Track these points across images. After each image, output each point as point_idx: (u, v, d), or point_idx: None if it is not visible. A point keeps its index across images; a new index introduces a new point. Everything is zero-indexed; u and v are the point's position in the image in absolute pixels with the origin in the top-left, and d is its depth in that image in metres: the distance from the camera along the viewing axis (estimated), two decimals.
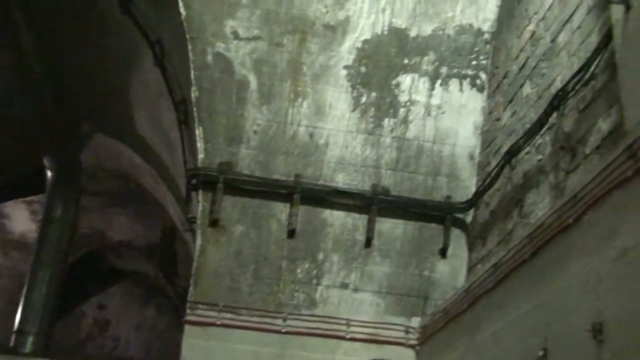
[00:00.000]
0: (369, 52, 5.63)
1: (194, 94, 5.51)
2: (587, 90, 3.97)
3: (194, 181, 5.63)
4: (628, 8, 3.01)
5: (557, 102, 4.23)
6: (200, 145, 5.51)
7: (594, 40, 3.94)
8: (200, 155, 5.53)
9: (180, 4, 5.40)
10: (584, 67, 3.94)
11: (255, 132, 5.58)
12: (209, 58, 5.52)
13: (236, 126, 5.57)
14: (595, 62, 3.85)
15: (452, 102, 5.68)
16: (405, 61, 5.65)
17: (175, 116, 6.47)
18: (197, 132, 5.54)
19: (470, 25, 5.62)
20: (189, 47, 5.47)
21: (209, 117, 5.55)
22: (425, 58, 5.65)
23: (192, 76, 5.49)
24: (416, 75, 5.66)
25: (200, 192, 5.56)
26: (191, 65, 5.49)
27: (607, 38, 3.65)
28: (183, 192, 6.68)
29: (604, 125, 3.76)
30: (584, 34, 4.10)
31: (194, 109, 5.52)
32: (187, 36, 5.47)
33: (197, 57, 5.50)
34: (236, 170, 5.55)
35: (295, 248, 5.55)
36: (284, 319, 5.40)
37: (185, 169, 6.21)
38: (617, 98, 3.44)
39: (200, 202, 5.53)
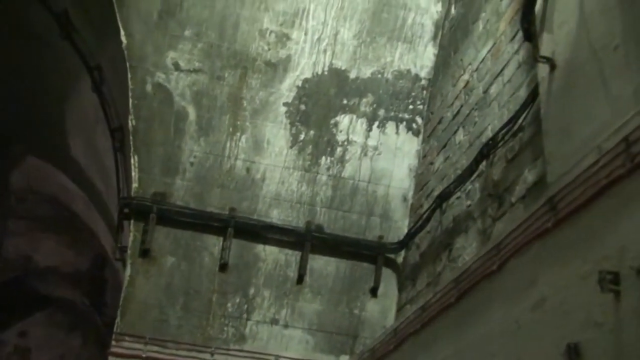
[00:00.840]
0: (309, 91, 5.71)
1: (131, 122, 5.46)
2: (515, 141, 4.13)
3: (126, 210, 5.54)
4: (553, 68, 3.17)
5: (487, 150, 4.38)
6: (135, 174, 5.45)
7: (522, 94, 4.11)
8: (135, 185, 5.46)
9: (122, 33, 5.38)
10: (513, 119, 4.11)
11: (191, 163, 5.56)
12: (149, 88, 5.50)
13: (173, 157, 5.54)
14: (523, 115, 4.02)
15: (388, 143, 5.80)
16: (344, 101, 5.76)
17: (111, 143, 6.38)
18: (132, 160, 5.48)
19: (408, 71, 5.77)
20: (129, 75, 5.44)
21: (146, 146, 5.50)
22: (364, 100, 5.77)
23: (131, 105, 5.45)
24: (354, 116, 5.76)
25: (132, 221, 5.48)
26: (130, 94, 5.45)
27: (534, 93, 3.82)
28: (115, 220, 6.56)
29: (529, 176, 3.91)
30: (513, 88, 4.28)
31: (131, 137, 5.46)
32: (128, 64, 5.44)
33: (137, 86, 5.46)
34: (170, 201, 5.50)
35: (227, 282, 5.52)
36: (212, 354, 5.33)
37: (118, 197, 6.11)
38: (542, 151, 3.60)
39: (132, 232, 5.45)
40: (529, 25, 3.44)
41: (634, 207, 2.50)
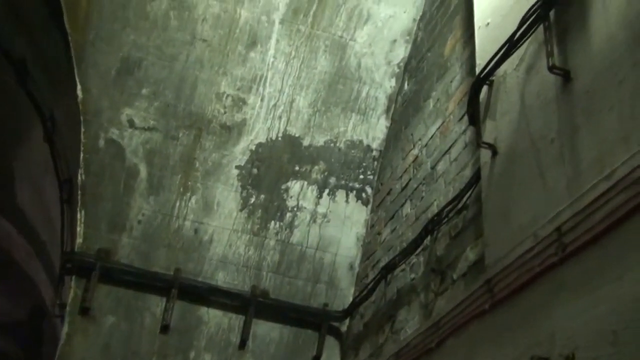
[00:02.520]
0: (262, 155, 5.78)
1: (80, 176, 5.42)
2: (459, 219, 4.23)
3: (68, 265, 5.43)
4: (495, 153, 3.29)
5: (432, 226, 4.47)
6: (80, 229, 5.37)
7: (468, 173, 4.24)
8: (79, 240, 5.37)
9: (79, 87, 5.38)
10: (458, 197, 4.21)
11: (139, 221, 5.52)
12: (101, 143, 5.48)
13: (120, 213, 5.49)
14: (468, 194, 4.13)
15: (337, 211, 5.86)
16: (297, 168, 5.83)
17: (58, 195, 6.28)
18: (78, 215, 5.41)
19: (361, 142, 5.90)
20: (82, 129, 5.42)
21: (94, 201, 5.45)
22: (316, 167, 5.85)
23: (81, 158, 5.41)
24: (305, 183, 5.83)
25: (73, 277, 5.37)
26: (81, 148, 5.42)
27: (478, 174, 3.94)
28: (57, 273, 6.41)
29: (471, 254, 4.00)
30: (459, 166, 4.41)
31: (79, 192, 5.41)
32: (82, 118, 5.42)
33: (89, 140, 5.44)
34: (115, 258, 5.42)
35: (167, 344, 5.41)
36: None
37: (62, 251, 5.99)
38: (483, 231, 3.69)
39: (73, 288, 5.33)
40: (474, 111, 3.58)
41: (564, 295, 2.59)
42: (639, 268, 2.20)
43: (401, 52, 5.82)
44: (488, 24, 3.73)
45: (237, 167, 5.73)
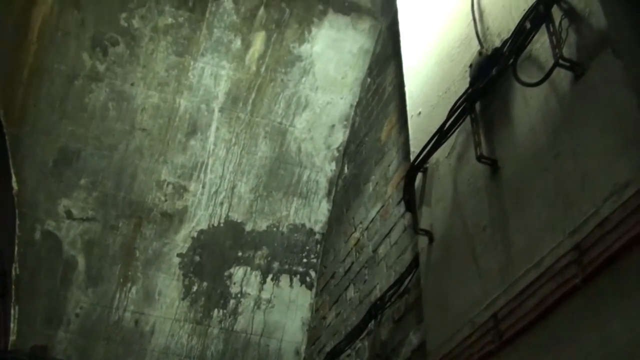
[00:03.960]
0: (204, 242, 5.73)
1: (15, 271, 5.25)
2: (401, 303, 4.26)
3: None
4: (431, 240, 3.36)
5: (375, 310, 4.48)
6: (13, 326, 5.16)
7: (408, 257, 4.29)
8: (12, 337, 5.16)
9: (14, 179, 5.29)
10: (399, 281, 4.25)
11: (77, 315, 5.35)
12: (37, 235, 5.36)
13: (57, 308, 5.32)
14: (409, 278, 4.17)
15: (282, 296, 5.82)
16: (239, 254, 5.80)
17: None
18: (12, 311, 5.21)
19: (303, 225, 5.93)
20: (17, 222, 5.29)
21: (29, 296, 5.27)
22: (259, 252, 5.83)
23: (16, 252, 5.26)
24: (249, 268, 5.79)
25: None
26: (16, 241, 5.28)
27: (418, 258, 3.99)
28: None
29: (414, 339, 4.01)
30: (400, 250, 4.47)
31: (13, 287, 5.23)
32: (17, 211, 5.31)
33: (25, 233, 5.31)
34: (51, 355, 5.21)
35: None
36: None
37: None
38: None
39: None
40: (410, 198, 3.66)
41: None
42: (571, 356, 2.24)
43: (340, 136, 5.96)
44: (420, 113, 3.87)
45: (178, 255, 5.66)
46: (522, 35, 2.89)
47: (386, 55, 5.59)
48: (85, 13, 5.35)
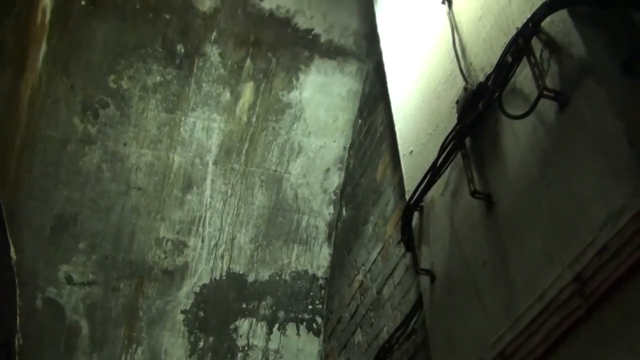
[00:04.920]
0: (207, 297, 5.67)
1: (18, 342, 5.18)
2: (409, 344, 4.19)
3: None
4: (433, 279, 3.32)
5: (384, 354, 4.40)
6: None
7: (412, 297, 4.24)
8: None
9: (12, 249, 5.26)
10: (405, 321, 4.19)
11: None
12: (39, 303, 5.30)
13: None
14: (415, 318, 4.11)
15: (289, 346, 5.73)
16: (244, 305, 5.73)
17: None
18: None
19: (306, 271, 5.88)
20: (17, 292, 5.24)
21: None
22: (263, 302, 5.77)
23: (18, 323, 5.20)
24: (254, 320, 5.72)
25: None
26: (18, 312, 5.22)
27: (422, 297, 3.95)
28: None
29: None
30: (404, 290, 4.42)
31: (17, 358, 5.15)
32: (17, 281, 5.26)
33: (26, 302, 5.26)
34: None
35: None
36: None
37: None
38: None
39: None
40: (408, 238, 3.64)
41: None
42: None
43: (336, 179, 5.95)
44: (411, 151, 3.88)
45: (182, 311, 5.59)
46: (504, 68, 2.91)
47: (375, 96, 5.62)
48: (74, 79, 5.39)
